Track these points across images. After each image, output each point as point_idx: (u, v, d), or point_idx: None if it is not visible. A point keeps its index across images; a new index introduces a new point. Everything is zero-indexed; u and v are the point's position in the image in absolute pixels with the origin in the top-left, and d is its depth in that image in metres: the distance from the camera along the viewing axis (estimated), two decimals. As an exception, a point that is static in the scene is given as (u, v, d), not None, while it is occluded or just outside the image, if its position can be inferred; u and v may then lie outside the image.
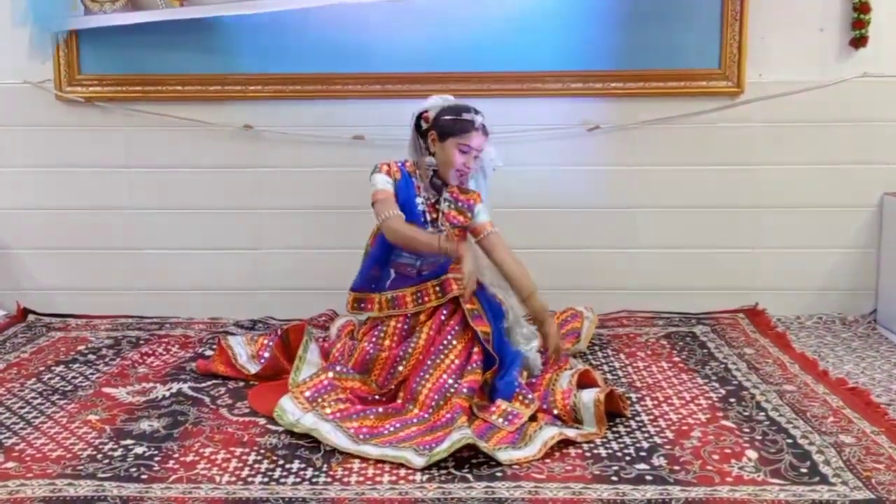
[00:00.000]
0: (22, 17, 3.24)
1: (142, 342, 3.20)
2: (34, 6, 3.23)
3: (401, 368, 2.55)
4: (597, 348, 3.08)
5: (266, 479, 2.09)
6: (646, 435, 2.33)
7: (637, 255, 3.50)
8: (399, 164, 2.72)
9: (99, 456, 2.22)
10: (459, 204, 2.72)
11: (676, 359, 2.97)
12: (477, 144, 2.67)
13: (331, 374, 2.56)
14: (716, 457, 2.18)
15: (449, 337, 2.56)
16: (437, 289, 2.61)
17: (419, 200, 2.70)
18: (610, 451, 2.23)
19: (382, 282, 2.70)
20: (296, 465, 2.17)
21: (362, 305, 2.71)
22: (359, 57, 3.37)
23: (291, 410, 2.40)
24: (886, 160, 3.42)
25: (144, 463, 2.17)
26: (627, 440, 2.30)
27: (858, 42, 3.32)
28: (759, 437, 2.29)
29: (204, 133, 3.45)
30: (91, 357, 3.04)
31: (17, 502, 1.97)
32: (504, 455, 2.17)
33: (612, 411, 2.42)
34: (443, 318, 2.60)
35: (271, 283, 3.53)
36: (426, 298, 2.62)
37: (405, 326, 2.62)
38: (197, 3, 3.21)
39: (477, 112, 2.69)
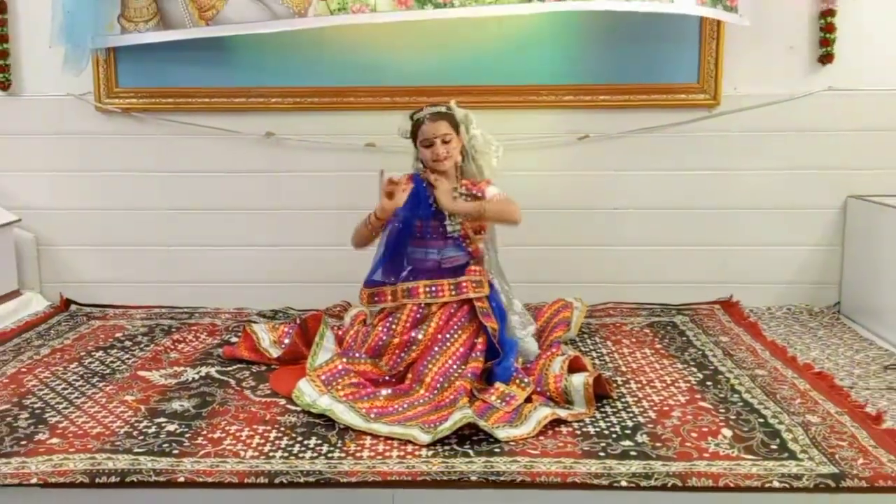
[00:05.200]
0: (60, 37, 3.21)
1: (173, 330, 3.20)
2: (72, 27, 3.20)
3: (410, 353, 2.55)
4: (586, 336, 3.08)
5: (286, 454, 2.09)
6: (630, 415, 2.33)
7: (623, 252, 3.49)
8: (413, 175, 2.68)
9: (134, 433, 2.22)
10: (474, 192, 2.65)
11: (658, 346, 2.97)
12: (432, 133, 2.59)
13: (345, 360, 2.56)
14: (694, 435, 2.18)
15: (456, 327, 2.55)
16: (452, 287, 2.60)
17: (431, 201, 2.66)
18: (598, 430, 2.23)
19: (397, 276, 2.68)
20: (313, 441, 2.17)
21: (376, 299, 2.68)
22: (370, 72, 3.37)
23: (309, 392, 2.40)
24: (849, 166, 3.41)
25: (176, 439, 2.18)
26: (614, 419, 2.30)
27: (825, 59, 3.32)
28: (734, 417, 2.29)
29: (229, 141, 3.45)
30: (127, 343, 3.04)
31: (60, 474, 1.98)
32: (502, 433, 2.16)
33: (600, 393, 2.41)
34: (452, 310, 2.59)
35: (291, 277, 3.54)
36: (440, 293, 2.60)
37: (417, 315, 2.61)
38: (222, 22, 3.19)
39: (433, 105, 2.64)
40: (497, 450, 2.10)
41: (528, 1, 3.08)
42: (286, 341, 2.84)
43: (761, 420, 2.26)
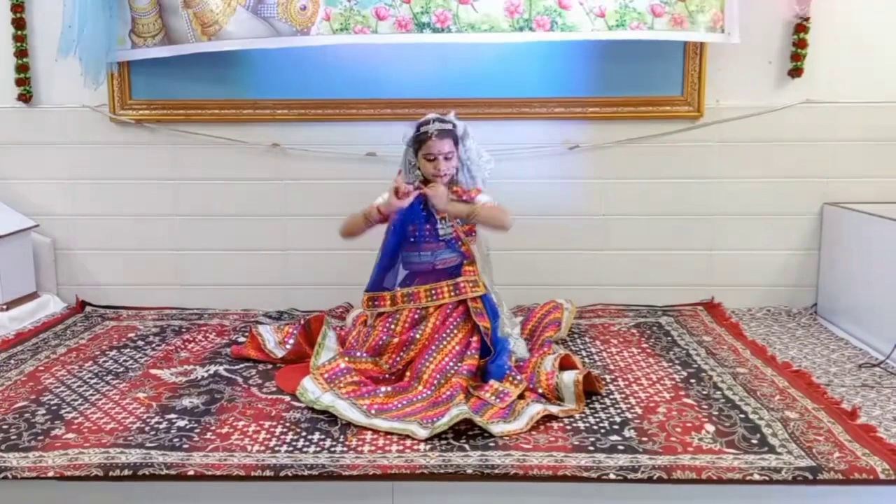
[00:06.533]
0: (67, 49, 3.18)
1: (184, 330, 3.20)
2: (87, 43, 3.18)
3: (409, 352, 2.55)
4: (576, 336, 3.08)
5: (291, 449, 2.09)
6: (618, 411, 2.33)
7: (611, 256, 3.50)
8: (409, 183, 2.67)
9: (146, 428, 2.22)
10: (464, 199, 2.65)
11: (644, 345, 2.97)
12: (437, 150, 2.59)
13: (346, 359, 2.55)
14: (678, 430, 2.18)
15: (451, 327, 2.55)
16: (452, 288, 2.60)
17: (422, 207, 2.65)
18: (587, 425, 2.23)
19: (393, 280, 2.68)
20: (316, 436, 2.17)
21: (376, 303, 2.68)
22: (371, 84, 3.37)
23: (312, 390, 2.40)
24: (825, 174, 3.41)
25: (186, 434, 2.17)
26: (602, 415, 2.30)
27: (795, 73, 3.33)
28: (716, 413, 2.29)
29: (238, 150, 3.45)
30: (140, 343, 3.04)
31: (76, 468, 1.98)
32: (496, 428, 2.16)
33: (590, 390, 2.41)
34: (448, 310, 2.59)
35: (295, 280, 3.53)
36: (440, 295, 2.60)
37: (415, 316, 2.61)
38: (224, 38, 3.15)
39: (440, 120, 2.63)
40: (492, 444, 2.10)
41: (520, 30, 3.10)
42: (290, 342, 2.83)
43: (742, 416, 2.26)
